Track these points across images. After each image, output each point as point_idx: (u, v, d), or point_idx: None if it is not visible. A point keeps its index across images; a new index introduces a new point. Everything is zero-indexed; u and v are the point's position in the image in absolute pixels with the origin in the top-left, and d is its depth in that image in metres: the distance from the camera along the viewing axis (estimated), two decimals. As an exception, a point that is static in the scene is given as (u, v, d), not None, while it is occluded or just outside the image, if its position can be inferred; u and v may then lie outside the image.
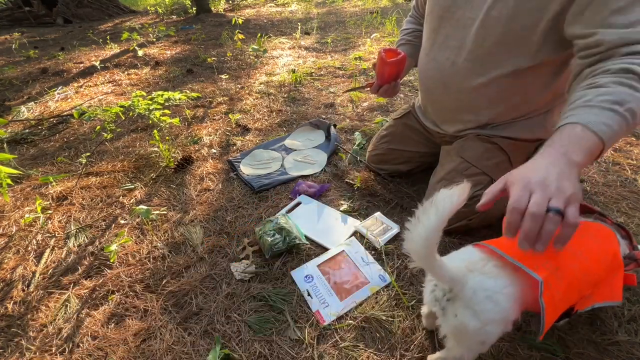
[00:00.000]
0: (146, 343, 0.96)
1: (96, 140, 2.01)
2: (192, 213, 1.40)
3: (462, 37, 1.02)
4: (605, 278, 0.72)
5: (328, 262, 1.15)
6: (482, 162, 1.09)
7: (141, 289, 1.11)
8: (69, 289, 1.13)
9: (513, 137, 1.11)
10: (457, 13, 1.02)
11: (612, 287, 0.73)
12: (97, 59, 3.53)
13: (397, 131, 1.43)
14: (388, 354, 0.89)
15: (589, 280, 0.69)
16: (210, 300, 1.06)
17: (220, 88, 2.67)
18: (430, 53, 1.15)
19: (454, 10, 1.03)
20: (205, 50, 3.65)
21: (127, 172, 1.70)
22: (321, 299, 1.03)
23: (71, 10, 6.49)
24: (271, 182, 1.53)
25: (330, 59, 3.16)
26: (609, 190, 1.35)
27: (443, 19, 1.07)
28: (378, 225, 1.26)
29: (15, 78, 3.18)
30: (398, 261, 1.14)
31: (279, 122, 2.09)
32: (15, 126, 2.28)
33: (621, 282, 0.73)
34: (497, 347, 0.88)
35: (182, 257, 1.21)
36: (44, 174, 1.71)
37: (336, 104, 2.27)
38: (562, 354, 0.85)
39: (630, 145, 1.60)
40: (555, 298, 0.63)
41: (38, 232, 1.36)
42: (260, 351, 0.91)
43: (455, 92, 1.10)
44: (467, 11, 0.99)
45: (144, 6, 7.91)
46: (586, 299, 0.71)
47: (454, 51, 1.06)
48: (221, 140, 1.93)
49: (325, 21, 4.66)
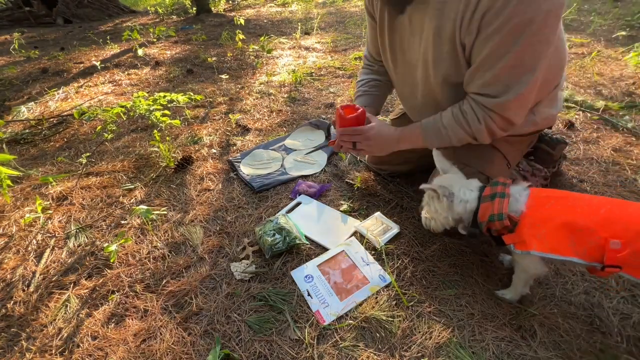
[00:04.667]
0: (146, 343, 0.96)
1: (96, 140, 2.01)
2: (192, 213, 1.40)
3: (413, 78, 1.10)
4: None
5: (328, 262, 1.15)
6: (476, 162, 1.09)
7: (141, 289, 1.11)
8: (69, 289, 1.13)
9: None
10: (405, 55, 1.08)
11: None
12: (97, 59, 3.52)
13: None
14: (388, 354, 0.89)
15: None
16: (210, 300, 1.06)
17: (220, 88, 2.67)
18: (397, 87, 1.24)
19: (401, 54, 1.10)
20: (205, 50, 3.65)
21: (127, 172, 1.70)
22: (321, 299, 1.03)
23: (71, 10, 6.48)
24: (271, 182, 1.53)
25: (330, 59, 3.16)
26: (609, 190, 1.35)
27: (395, 61, 1.14)
28: (378, 225, 1.26)
29: (15, 78, 3.18)
30: (398, 261, 1.14)
31: (279, 122, 2.09)
32: (15, 126, 2.28)
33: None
34: (498, 347, 0.88)
35: (182, 257, 1.21)
36: (44, 174, 1.71)
37: (336, 104, 2.27)
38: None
39: (630, 145, 1.60)
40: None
41: (38, 232, 1.36)
42: (260, 351, 0.91)
43: (430, 115, 1.10)
44: (409, 55, 1.06)
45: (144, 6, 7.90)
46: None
47: (412, 88, 1.13)
48: (221, 140, 1.93)
49: (325, 21, 4.66)
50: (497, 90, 0.89)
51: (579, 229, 0.77)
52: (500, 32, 0.81)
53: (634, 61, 2.27)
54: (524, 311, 0.96)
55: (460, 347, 0.89)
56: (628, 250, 0.71)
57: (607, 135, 1.69)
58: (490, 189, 0.89)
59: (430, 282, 1.07)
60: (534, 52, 0.84)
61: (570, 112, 1.91)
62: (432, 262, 1.13)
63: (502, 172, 1.13)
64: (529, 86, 0.87)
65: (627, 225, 0.74)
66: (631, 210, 0.77)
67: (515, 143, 1.14)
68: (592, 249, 0.75)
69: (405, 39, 1.05)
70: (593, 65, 2.42)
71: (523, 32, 0.80)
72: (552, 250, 0.79)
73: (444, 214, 0.94)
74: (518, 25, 0.79)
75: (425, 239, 1.21)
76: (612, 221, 0.75)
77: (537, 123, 1.09)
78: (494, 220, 0.85)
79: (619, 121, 1.76)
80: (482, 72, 0.89)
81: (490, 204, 0.87)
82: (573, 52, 2.72)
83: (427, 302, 1.01)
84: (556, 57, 0.98)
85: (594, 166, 1.49)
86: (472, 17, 0.82)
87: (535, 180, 1.31)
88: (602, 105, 1.90)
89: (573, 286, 1.02)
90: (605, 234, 0.74)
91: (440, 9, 0.88)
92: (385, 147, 1.13)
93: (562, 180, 1.42)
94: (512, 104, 0.90)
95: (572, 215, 0.79)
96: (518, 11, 0.77)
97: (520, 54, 0.83)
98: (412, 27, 1.00)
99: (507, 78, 0.87)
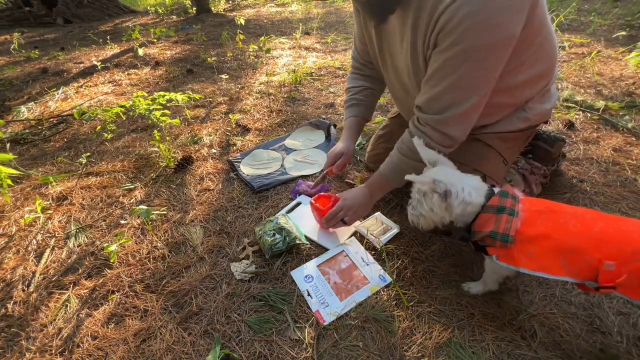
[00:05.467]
0: (146, 343, 0.96)
1: (96, 140, 2.01)
2: (192, 213, 1.40)
3: (403, 82, 1.10)
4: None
5: (328, 262, 1.15)
6: (471, 160, 1.09)
7: (141, 289, 1.11)
8: (69, 289, 1.13)
9: (496, 132, 1.11)
10: (394, 60, 1.08)
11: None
12: (97, 59, 3.53)
13: (394, 130, 1.43)
14: (388, 354, 0.89)
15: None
16: (210, 300, 1.06)
17: (220, 88, 2.67)
18: (391, 89, 1.24)
19: (390, 58, 1.10)
20: (205, 50, 3.65)
21: (127, 172, 1.70)
22: (321, 299, 1.03)
23: (71, 10, 6.48)
24: (271, 182, 1.53)
25: (330, 59, 3.16)
26: (609, 190, 1.35)
27: (385, 65, 1.14)
28: (378, 225, 1.26)
29: (15, 78, 3.18)
30: (398, 261, 1.14)
31: (279, 122, 2.09)
32: (15, 126, 2.28)
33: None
34: (498, 347, 0.88)
35: (182, 257, 1.21)
36: (44, 174, 1.71)
37: (336, 104, 2.27)
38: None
39: (630, 145, 1.60)
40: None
41: (38, 232, 1.36)
42: (260, 351, 0.91)
43: None
44: (396, 60, 1.07)
45: (144, 6, 7.90)
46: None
47: (404, 91, 1.13)
48: (221, 140, 1.93)
49: (325, 21, 4.66)
50: (439, 106, 0.92)
51: (570, 249, 0.74)
52: (448, 52, 0.83)
53: (635, 61, 2.26)
54: (524, 311, 0.96)
55: (460, 347, 0.89)
56: (625, 275, 0.68)
57: (607, 135, 1.69)
58: (499, 200, 0.82)
59: (430, 282, 1.07)
60: (479, 77, 0.86)
61: (570, 112, 1.91)
62: (432, 262, 1.13)
63: (499, 170, 1.13)
64: (470, 106, 0.90)
65: (621, 246, 0.70)
66: (625, 228, 0.74)
67: (509, 140, 1.13)
68: (585, 269, 0.72)
69: (392, 44, 1.06)
70: (593, 65, 2.42)
71: (469, 57, 0.82)
72: (542, 269, 0.76)
73: (441, 214, 0.86)
74: (466, 49, 0.81)
75: (425, 239, 1.21)
76: (606, 240, 0.72)
77: (530, 119, 1.09)
78: (495, 239, 0.79)
79: (619, 121, 1.76)
80: (429, 87, 0.92)
81: (495, 218, 0.80)
82: (573, 52, 2.72)
83: (427, 302, 1.01)
84: (545, 58, 0.98)
85: (594, 166, 1.49)
86: (432, 33, 0.84)
87: (535, 178, 1.31)
88: (602, 105, 1.90)
89: (573, 286, 1.02)
90: (599, 254, 0.71)
91: (414, 24, 0.89)
92: (365, 205, 1.18)
93: (562, 180, 1.42)
94: (451, 120, 0.92)
95: (564, 234, 0.75)
96: (467, 37, 0.79)
97: (464, 77, 0.86)
98: (397, 35, 1.00)
99: (449, 97, 0.90)
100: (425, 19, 0.85)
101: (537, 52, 0.94)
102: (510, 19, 0.78)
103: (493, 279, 0.97)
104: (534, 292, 1.01)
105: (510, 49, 0.84)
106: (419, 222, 0.92)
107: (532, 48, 0.92)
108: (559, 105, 1.99)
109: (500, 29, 0.79)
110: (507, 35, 0.81)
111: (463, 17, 0.77)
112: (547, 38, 0.95)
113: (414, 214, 0.93)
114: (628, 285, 0.68)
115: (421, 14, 0.86)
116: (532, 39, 0.89)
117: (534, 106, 1.08)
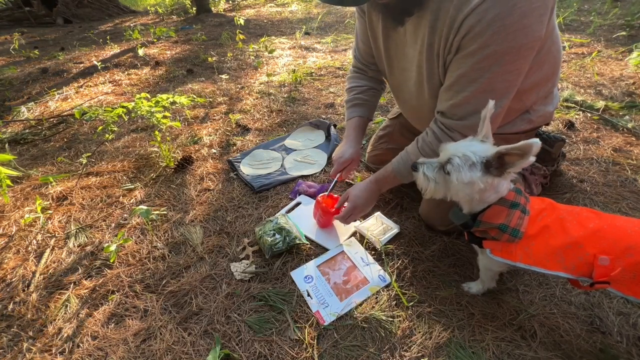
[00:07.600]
0: (146, 343, 0.96)
1: (96, 140, 2.01)
2: (192, 213, 1.40)
3: (410, 84, 1.08)
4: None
5: (328, 263, 1.15)
6: None
7: (141, 289, 1.11)
8: (69, 289, 1.13)
9: (499, 134, 1.11)
10: (401, 62, 1.08)
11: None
12: (97, 59, 3.52)
13: (394, 131, 1.44)
14: (388, 354, 0.89)
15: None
16: (210, 300, 1.06)
17: (220, 88, 2.67)
18: (394, 90, 1.22)
19: (397, 61, 1.09)
20: (205, 50, 3.65)
21: (127, 172, 1.70)
22: (321, 299, 1.03)
23: (71, 10, 6.48)
24: (271, 182, 1.53)
25: (330, 59, 3.16)
26: (609, 190, 1.35)
27: (391, 67, 1.13)
28: (378, 225, 1.26)
29: (15, 78, 3.18)
30: (398, 261, 1.14)
31: (279, 122, 2.09)
32: (15, 126, 2.28)
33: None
34: (498, 347, 0.88)
35: (182, 257, 1.21)
36: (44, 174, 1.71)
37: (336, 104, 2.27)
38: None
39: (630, 145, 1.60)
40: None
41: (38, 232, 1.36)
42: (260, 351, 0.91)
43: (428, 119, 1.08)
44: (404, 63, 1.06)
45: (144, 6, 7.91)
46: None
47: (409, 93, 1.11)
48: (221, 140, 1.93)
49: (325, 21, 4.66)
50: (464, 112, 0.90)
51: (567, 245, 0.76)
52: (475, 56, 0.82)
53: (635, 61, 2.26)
54: (524, 311, 0.96)
55: (460, 347, 0.89)
56: (619, 269, 0.70)
57: (607, 135, 1.69)
58: (515, 196, 0.82)
59: (430, 282, 1.07)
60: (505, 80, 0.85)
61: (570, 112, 1.91)
62: (432, 262, 1.13)
63: None
64: (500, 109, 0.89)
65: (615, 241, 0.73)
66: (619, 224, 0.76)
67: (511, 141, 1.12)
68: (581, 264, 0.74)
69: (400, 47, 1.05)
70: (593, 65, 2.42)
71: (497, 61, 0.81)
72: (538, 264, 0.78)
73: (465, 190, 0.79)
74: (494, 53, 0.80)
75: (425, 239, 1.21)
76: (601, 236, 0.74)
77: (533, 121, 1.09)
78: (504, 232, 0.80)
79: (619, 121, 1.76)
80: (453, 93, 0.90)
81: (507, 212, 0.80)
82: (573, 52, 2.72)
83: (427, 302, 1.01)
84: (551, 62, 0.98)
85: (594, 166, 1.49)
86: (455, 37, 0.83)
87: (535, 178, 1.31)
88: (602, 105, 1.90)
89: (573, 286, 1.02)
90: (594, 250, 0.73)
91: (432, 26, 0.88)
92: (371, 197, 1.17)
93: (562, 180, 1.42)
94: (477, 127, 0.90)
95: (561, 231, 0.78)
96: (495, 40, 0.78)
97: (493, 81, 0.84)
98: (407, 38, 0.99)
99: (476, 102, 0.87)
100: (447, 22, 0.83)
101: (546, 54, 0.94)
102: (536, 21, 0.78)
103: (488, 275, 0.97)
104: (534, 292, 1.01)
105: (534, 52, 0.83)
106: (429, 187, 0.86)
107: (542, 51, 0.91)
108: (559, 105, 1.99)
109: (527, 31, 0.78)
110: (534, 38, 0.80)
111: (490, 21, 0.76)
112: (554, 41, 0.95)
113: (430, 177, 0.85)
114: (621, 280, 0.70)
115: (440, 16, 0.85)
116: (543, 42, 0.89)
117: (538, 108, 1.08)
